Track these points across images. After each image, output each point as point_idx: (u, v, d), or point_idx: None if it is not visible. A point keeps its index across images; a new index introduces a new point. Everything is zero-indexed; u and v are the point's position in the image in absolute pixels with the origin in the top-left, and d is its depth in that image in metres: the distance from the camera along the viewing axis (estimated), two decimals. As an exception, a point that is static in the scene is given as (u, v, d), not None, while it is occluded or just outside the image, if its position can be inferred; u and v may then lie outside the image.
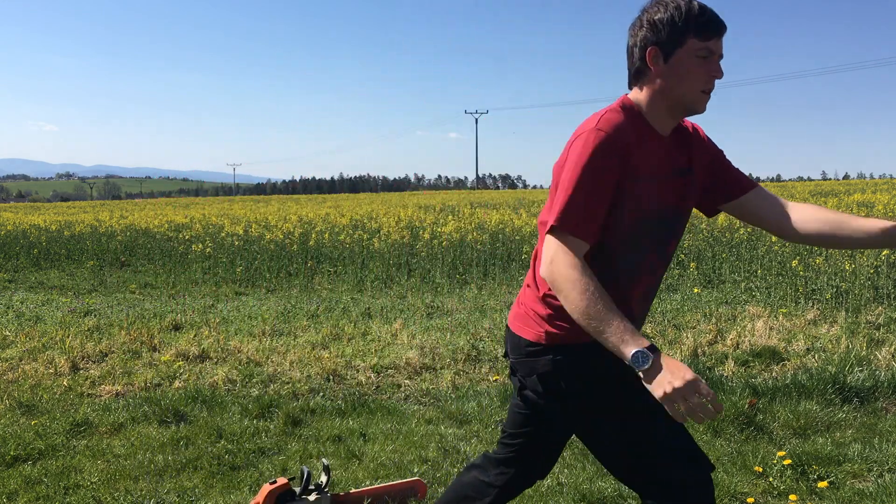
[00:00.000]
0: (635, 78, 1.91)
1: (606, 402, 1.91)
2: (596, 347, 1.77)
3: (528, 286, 2.04)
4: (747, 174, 2.11)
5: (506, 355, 2.12)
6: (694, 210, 2.09)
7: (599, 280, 1.74)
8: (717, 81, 1.86)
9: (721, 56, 1.86)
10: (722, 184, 2.04)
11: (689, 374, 1.59)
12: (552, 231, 1.79)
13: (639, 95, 1.90)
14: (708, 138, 2.07)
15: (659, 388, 1.60)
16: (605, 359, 1.82)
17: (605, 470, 3.64)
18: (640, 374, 1.63)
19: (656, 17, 1.83)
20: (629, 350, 1.63)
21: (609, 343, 1.67)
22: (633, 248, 1.89)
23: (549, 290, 1.86)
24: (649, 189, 1.85)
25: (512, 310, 2.10)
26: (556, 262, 1.76)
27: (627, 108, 1.88)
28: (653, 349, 1.63)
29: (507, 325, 2.11)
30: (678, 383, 1.58)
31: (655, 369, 1.61)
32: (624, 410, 1.89)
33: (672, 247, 2.00)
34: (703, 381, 1.68)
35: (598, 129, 1.80)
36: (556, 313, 1.91)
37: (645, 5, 1.88)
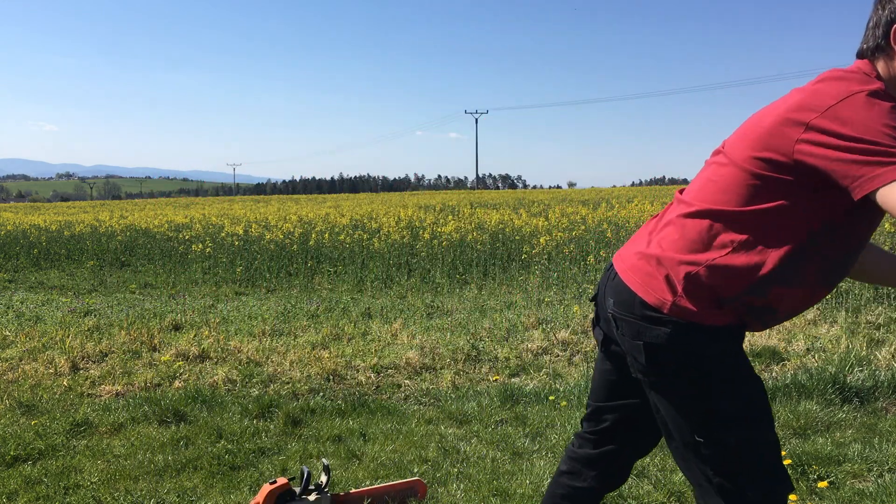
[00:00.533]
0: (872, 53, 1.67)
1: (724, 390, 1.76)
2: (725, 332, 1.71)
3: (669, 248, 1.78)
4: None
5: (594, 299, 1.95)
6: None
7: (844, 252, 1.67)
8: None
9: None
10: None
11: None
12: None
13: (879, 67, 1.67)
14: None
15: None
16: (733, 345, 1.75)
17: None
18: None
19: None
20: None
21: None
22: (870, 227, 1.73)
23: (712, 260, 1.69)
24: None
25: (630, 258, 1.85)
26: None
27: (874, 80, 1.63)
28: None
29: (613, 270, 1.88)
30: None
31: None
32: (741, 406, 1.76)
33: None
34: None
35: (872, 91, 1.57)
36: (699, 289, 1.71)
37: None
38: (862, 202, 1.52)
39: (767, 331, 6.23)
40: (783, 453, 3.65)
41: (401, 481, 3.35)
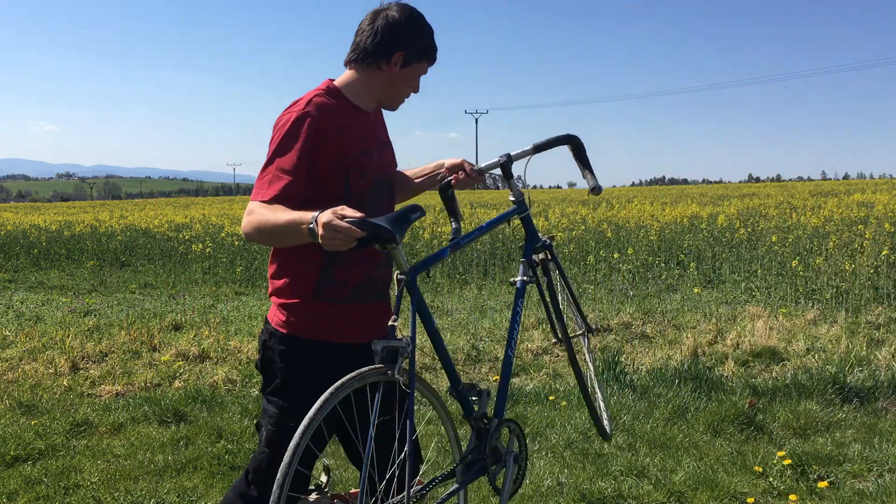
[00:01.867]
0: (362, 60, 2.17)
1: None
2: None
3: None
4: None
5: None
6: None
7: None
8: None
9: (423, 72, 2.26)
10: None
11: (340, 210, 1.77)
12: None
13: (353, 76, 2.20)
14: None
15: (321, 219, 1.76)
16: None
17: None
18: (313, 227, 1.80)
19: (405, 29, 2.14)
20: (307, 218, 1.82)
21: (286, 223, 1.87)
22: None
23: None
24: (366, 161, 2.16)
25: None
26: None
27: (333, 92, 2.18)
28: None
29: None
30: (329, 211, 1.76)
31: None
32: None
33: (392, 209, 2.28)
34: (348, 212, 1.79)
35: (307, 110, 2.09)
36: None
37: (393, 10, 2.15)
38: None
39: (767, 331, 6.23)
40: (782, 453, 3.65)
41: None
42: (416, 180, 2.47)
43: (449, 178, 2.41)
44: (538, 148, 2.48)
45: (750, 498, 3.31)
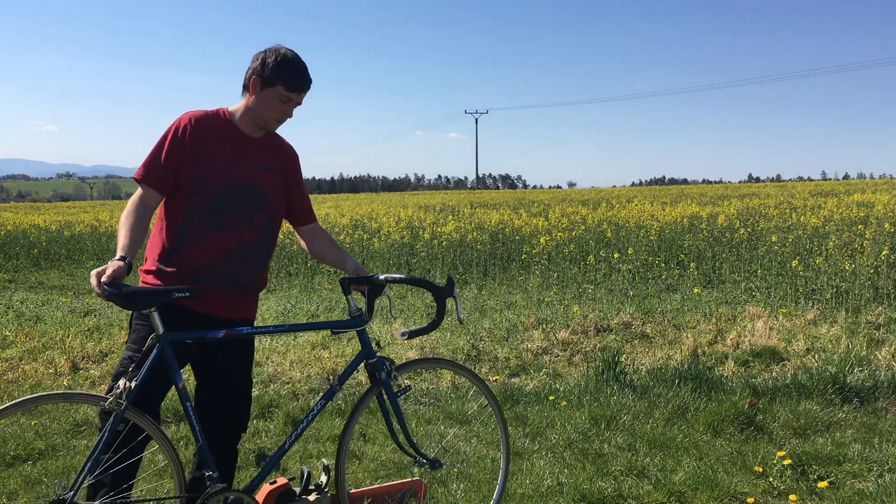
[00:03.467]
0: (244, 89, 2.67)
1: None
2: None
3: None
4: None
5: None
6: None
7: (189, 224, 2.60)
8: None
9: (299, 103, 2.66)
10: (289, 205, 2.83)
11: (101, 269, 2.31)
12: None
13: (240, 103, 2.69)
14: (296, 159, 2.84)
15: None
16: None
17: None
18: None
19: (268, 59, 2.58)
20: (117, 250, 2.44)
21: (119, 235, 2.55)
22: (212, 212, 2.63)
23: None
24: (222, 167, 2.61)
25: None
26: None
27: (216, 111, 2.69)
28: (122, 259, 2.38)
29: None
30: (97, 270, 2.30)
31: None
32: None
33: (257, 220, 2.67)
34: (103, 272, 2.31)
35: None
36: None
37: (268, 47, 2.63)
38: None
39: (767, 331, 6.23)
40: (782, 453, 3.65)
41: (401, 481, 3.34)
42: (329, 255, 2.93)
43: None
44: (407, 281, 2.74)
45: (750, 498, 3.31)
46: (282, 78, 2.57)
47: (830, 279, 8.19)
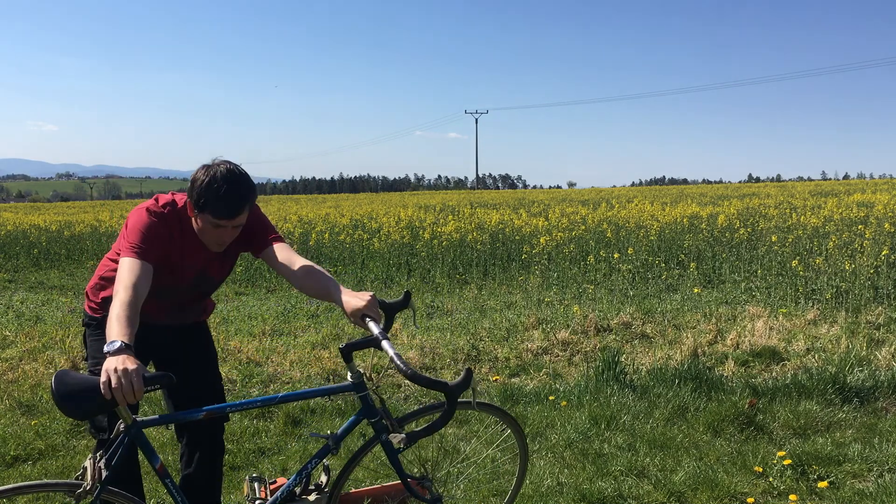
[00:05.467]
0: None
1: None
2: None
3: None
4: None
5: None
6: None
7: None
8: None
9: (239, 224, 2.49)
10: (248, 244, 2.68)
11: (129, 364, 2.03)
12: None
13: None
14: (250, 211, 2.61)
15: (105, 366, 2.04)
16: None
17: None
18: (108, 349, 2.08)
19: (195, 183, 2.43)
20: (111, 336, 2.11)
21: (112, 316, 2.20)
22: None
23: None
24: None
25: None
26: None
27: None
28: (125, 345, 2.09)
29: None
30: (119, 366, 2.03)
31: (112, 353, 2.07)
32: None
33: (210, 289, 2.78)
34: (136, 375, 2.05)
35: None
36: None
37: (208, 163, 2.48)
38: None
39: (767, 331, 6.23)
40: (782, 453, 3.65)
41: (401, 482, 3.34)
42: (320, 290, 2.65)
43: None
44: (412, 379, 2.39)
45: (750, 498, 3.31)
46: (208, 206, 2.41)
47: (830, 279, 8.19)
